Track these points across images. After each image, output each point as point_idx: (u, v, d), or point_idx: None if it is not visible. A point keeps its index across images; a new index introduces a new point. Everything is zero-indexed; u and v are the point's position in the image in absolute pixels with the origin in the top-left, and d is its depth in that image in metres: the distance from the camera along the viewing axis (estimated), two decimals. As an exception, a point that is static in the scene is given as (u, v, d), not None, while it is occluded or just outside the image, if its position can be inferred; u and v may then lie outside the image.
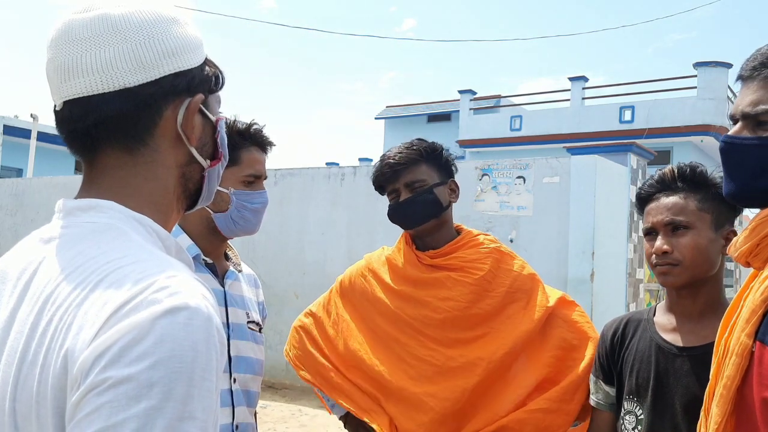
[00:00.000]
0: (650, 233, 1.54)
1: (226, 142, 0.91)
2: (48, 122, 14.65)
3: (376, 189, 1.89)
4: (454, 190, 1.86)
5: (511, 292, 1.78)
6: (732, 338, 1.02)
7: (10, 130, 13.55)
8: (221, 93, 0.92)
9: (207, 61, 0.86)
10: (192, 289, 0.68)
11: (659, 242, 1.50)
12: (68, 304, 0.68)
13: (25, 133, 13.02)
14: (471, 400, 1.70)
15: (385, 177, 1.82)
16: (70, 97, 0.78)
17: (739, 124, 1.07)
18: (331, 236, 7.00)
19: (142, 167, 0.81)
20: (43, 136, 13.22)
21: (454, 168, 1.88)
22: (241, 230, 1.62)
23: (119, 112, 0.78)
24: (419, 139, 1.87)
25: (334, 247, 6.95)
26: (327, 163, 15.39)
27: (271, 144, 1.69)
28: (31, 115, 12.31)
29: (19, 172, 14.46)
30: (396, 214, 1.83)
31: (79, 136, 0.80)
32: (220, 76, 0.88)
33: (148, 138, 0.80)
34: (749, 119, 1.05)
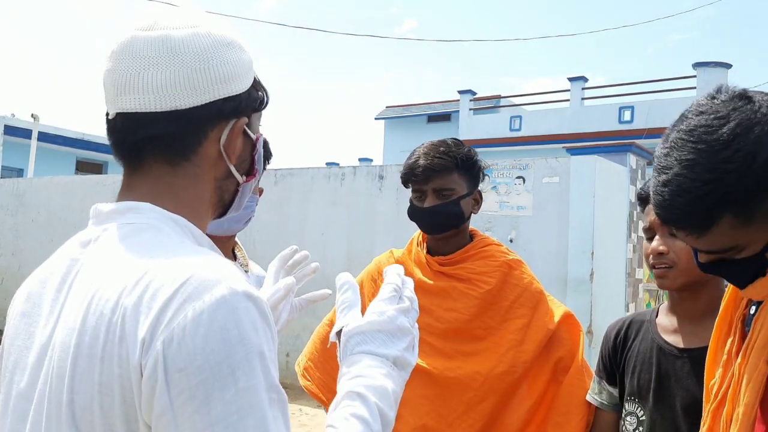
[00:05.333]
0: (649, 233, 1.53)
1: (263, 158, 0.95)
2: (48, 122, 14.68)
3: (402, 182, 1.83)
4: (478, 201, 1.83)
5: (514, 308, 1.76)
6: (748, 364, 1.01)
7: (10, 130, 13.55)
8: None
9: (255, 83, 0.90)
10: (231, 274, 0.73)
11: (655, 243, 1.49)
12: (116, 299, 0.72)
13: (25, 134, 13.03)
14: (464, 415, 1.68)
15: (416, 178, 1.76)
16: (124, 111, 0.82)
17: (705, 256, 1.02)
18: (331, 236, 7.01)
19: (182, 179, 0.85)
20: (43, 136, 13.21)
21: (482, 177, 1.84)
22: (223, 228, 1.60)
23: (167, 132, 0.82)
24: (456, 143, 1.81)
25: (334, 247, 6.95)
26: (327, 163, 15.39)
27: None
28: (32, 116, 12.31)
29: (19, 172, 14.46)
30: (417, 218, 1.79)
31: (127, 147, 0.85)
32: (265, 97, 0.92)
33: (192, 155, 0.84)
34: (716, 253, 1.00)
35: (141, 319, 0.69)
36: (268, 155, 1.63)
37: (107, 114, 0.84)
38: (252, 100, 0.88)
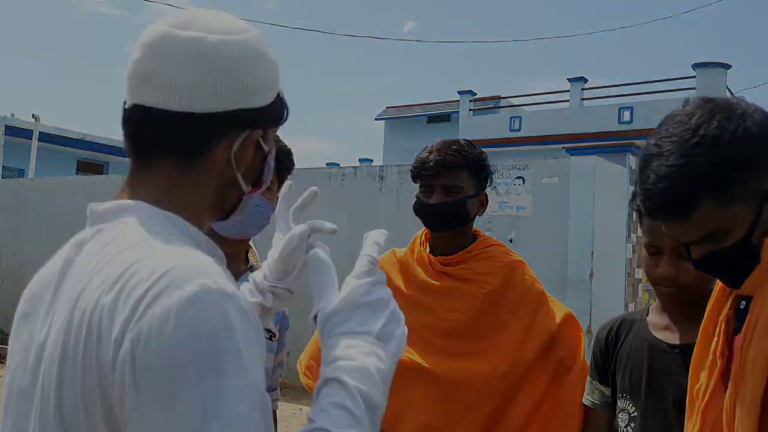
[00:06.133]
0: (652, 248, 1.50)
1: (272, 171, 0.94)
2: (49, 123, 14.68)
3: (411, 177, 1.84)
4: (483, 204, 1.84)
5: (516, 308, 1.76)
6: (752, 343, 1.02)
7: (11, 131, 13.55)
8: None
9: (278, 97, 0.89)
10: (209, 272, 0.71)
11: (666, 267, 1.46)
12: (96, 298, 0.71)
13: (26, 134, 13.02)
14: (466, 415, 1.69)
15: (426, 172, 1.76)
16: (141, 103, 0.81)
17: (697, 246, 1.07)
18: (331, 236, 6.99)
19: (188, 180, 0.84)
20: (44, 137, 13.20)
21: (489, 181, 1.86)
22: (236, 231, 1.56)
23: (180, 132, 0.81)
24: (468, 143, 1.82)
25: (334, 248, 6.88)
26: (327, 164, 15.39)
27: None
28: (33, 116, 12.32)
29: (20, 173, 14.46)
30: (422, 213, 1.79)
31: (138, 139, 0.84)
32: (285, 113, 0.91)
33: (200, 159, 0.83)
34: (703, 240, 1.06)
35: (116, 317, 0.68)
36: (290, 166, 1.63)
37: (125, 102, 0.84)
38: (271, 115, 0.88)
